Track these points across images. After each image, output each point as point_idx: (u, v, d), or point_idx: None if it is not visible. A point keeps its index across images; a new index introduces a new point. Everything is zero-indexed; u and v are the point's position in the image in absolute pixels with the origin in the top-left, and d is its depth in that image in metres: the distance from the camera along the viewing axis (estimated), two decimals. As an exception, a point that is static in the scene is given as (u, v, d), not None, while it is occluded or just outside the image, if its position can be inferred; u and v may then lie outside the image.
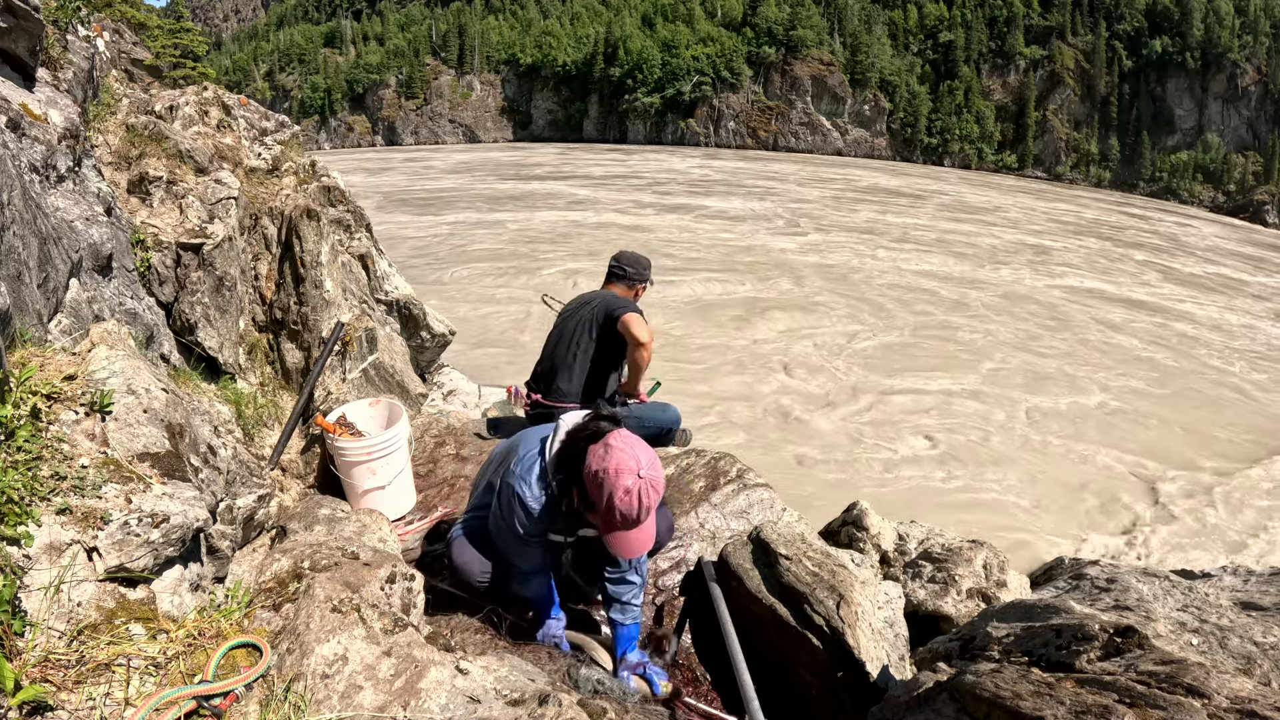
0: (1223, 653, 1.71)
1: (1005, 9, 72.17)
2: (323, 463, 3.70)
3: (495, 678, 1.66)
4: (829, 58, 72.25)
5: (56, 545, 1.39)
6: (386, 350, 4.50)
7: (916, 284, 23.72)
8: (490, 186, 42.37)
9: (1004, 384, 16.16)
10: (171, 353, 3.35)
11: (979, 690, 1.63)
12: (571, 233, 29.16)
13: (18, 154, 2.26)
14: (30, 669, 1.22)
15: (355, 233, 5.21)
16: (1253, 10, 63.26)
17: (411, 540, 3.19)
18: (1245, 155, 60.62)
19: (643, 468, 1.87)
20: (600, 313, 3.51)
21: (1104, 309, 22.94)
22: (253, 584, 1.89)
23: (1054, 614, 1.85)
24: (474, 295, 20.07)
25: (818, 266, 25.10)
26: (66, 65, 3.27)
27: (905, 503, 10.73)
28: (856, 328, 18.99)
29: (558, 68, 78.56)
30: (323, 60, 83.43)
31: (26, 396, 1.56)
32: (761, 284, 22.39)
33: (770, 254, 26.70)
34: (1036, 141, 68.48)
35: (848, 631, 2.29)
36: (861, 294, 22.10)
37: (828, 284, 22.85)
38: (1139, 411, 15.54)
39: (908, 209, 39.70)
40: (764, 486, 3.40)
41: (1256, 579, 2.34)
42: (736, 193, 42.04)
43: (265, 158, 5.07)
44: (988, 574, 3.01)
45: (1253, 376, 18.52)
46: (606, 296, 3.63)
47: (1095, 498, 12.10)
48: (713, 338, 17.41)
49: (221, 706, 1.38)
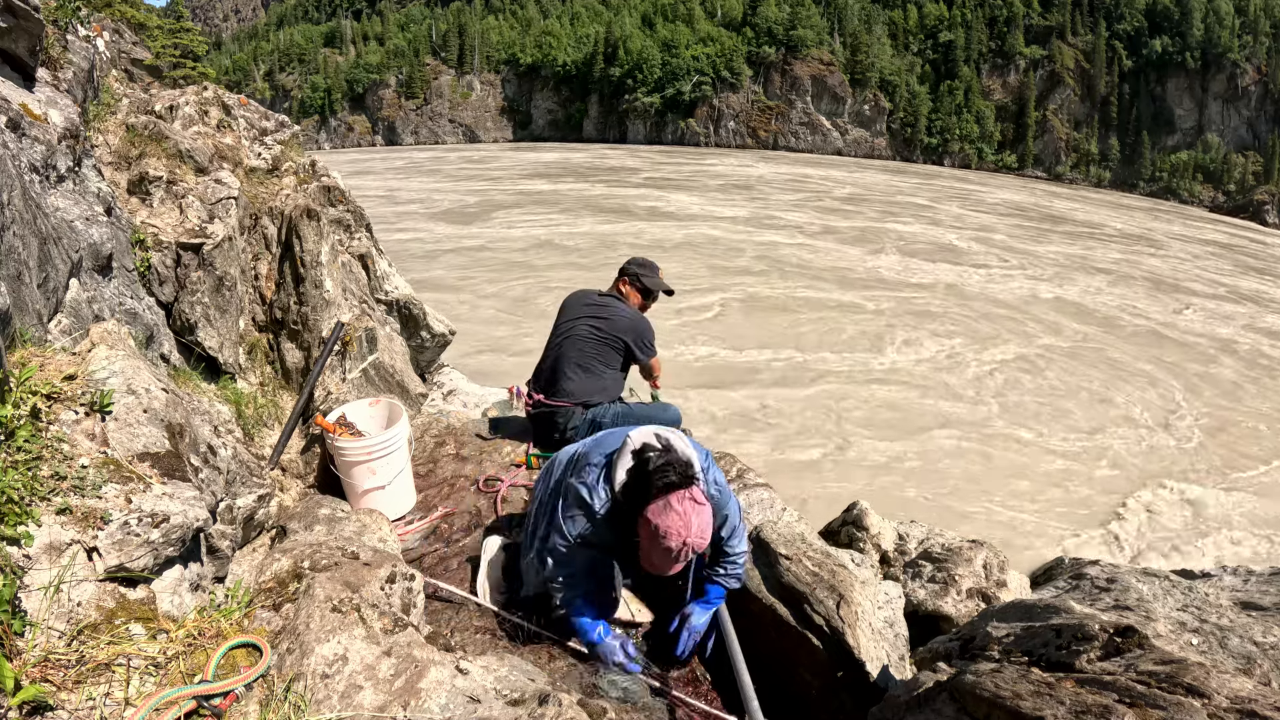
0: (1223, 653, 1.71)
1: (1005, 9, 72.16)
2: (323, 463, 3.70)
3: (495, 678, 1.66)
4: (829, 58, 72.24)
5: (56, 545, 1.39)
6: (386, 350, 4.50)
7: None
8: (610, 192, 39.29)
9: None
10: (171, 353, 3.35)
11: (979, 690, 1.63)
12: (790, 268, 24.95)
13: (18, 154, 2.26)
14: (30, 669, 1.22)
15: (355, 232, 5.21)
16: (1253, 10, 63.25)
17: (411, 540, 3.19)
18: (1245, 155, 60.62)
19: (691, 535, 1.97)
20: (627, 336, 3.58)
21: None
22: (253, 584, 1.89)
23: (1054, 614, 1.85)
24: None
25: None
26: (66, 65, 3.27)
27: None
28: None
29: (558, 68, 78.54)
30: (323, 60, 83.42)
31: (26, 396, 1.56)
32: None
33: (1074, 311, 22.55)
34: (1036, 141, 68.48)
35: (848, 631, 2.29)
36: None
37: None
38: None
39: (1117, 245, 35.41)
40: (764, 486, 3.40)
41: (1256, 579, 2.34)
42: (900, 211, 38.46)
43: (265, 158, 5.07)
44: (988, 574, 3.01)
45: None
46: (630, 317, 3.64)
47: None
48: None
49: (221, 706, 1.38)
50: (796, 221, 33.74)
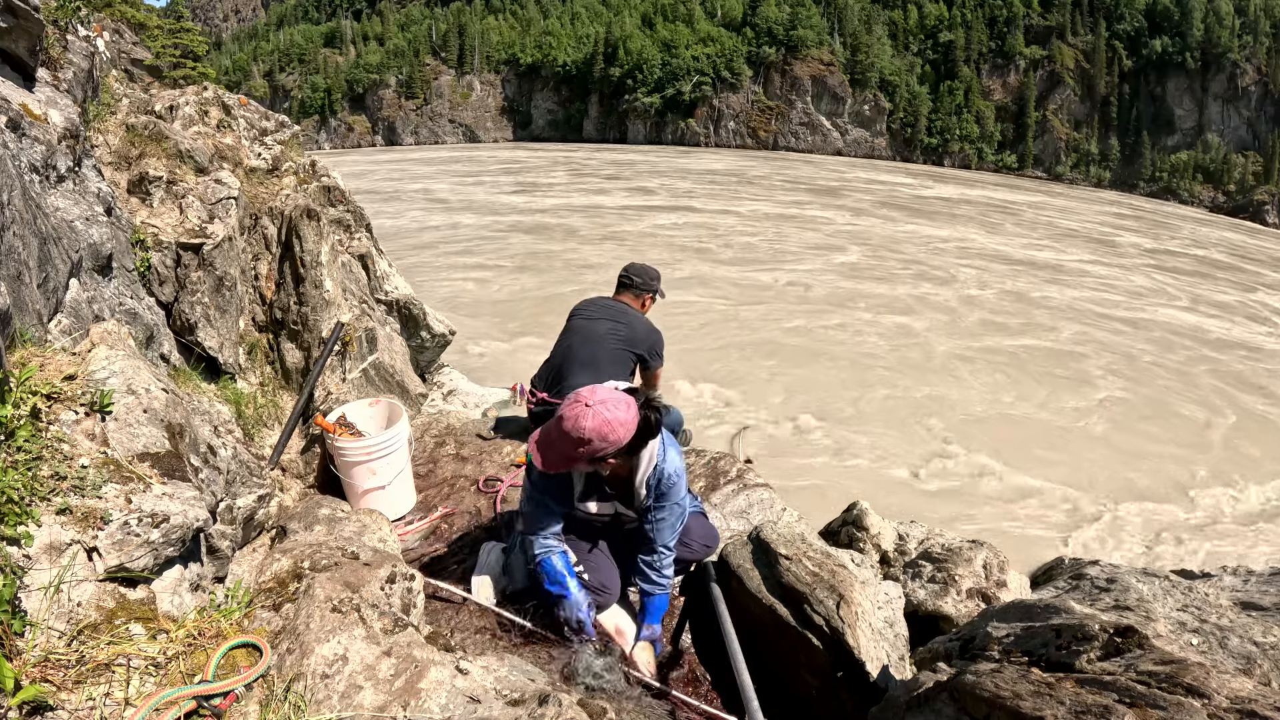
0: (1223, 653, 1.71)
1: (1005, 9, 72.14)
2: (323, 463, 3.70)
3: (495, 678, 1.66)
4: (829, 58, 72.23)
5: (56, 545, 1.39)
6: (386, 350, 4.50)
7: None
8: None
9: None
10: (171, 353, 3.35)
11: (979, 690, 1.63)
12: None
13: (18, 154, 2.26)
14: (30, 669, 1.22)
15: (355, 232, 5.21)
16: (1253, 10, 63.23)
17: (411, 540, 3.19)
18: (1245, 155, 60.60)
19: (589, 422, 2.06)
20: (642, 344, 3.67)
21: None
22: (253, 584, 1.89)
23: (1054, 614, 1.85)
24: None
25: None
26: (66, 65, 3.27)
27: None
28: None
29: (558, 68, 78.53)
30: (323, 60, 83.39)
31: (26, 396, 1.56)
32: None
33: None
34: (1036, 141, 68.47)
35: (848, 631, 2.29)
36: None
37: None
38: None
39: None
40: (764, 486, 3.40)
41: (1256, 579, 2.33)
42: (1000, 223, 37.11)
43: (265, 158, 5.07)
44: (988, 574, 3.01)
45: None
46: (648, 327, 3.75)
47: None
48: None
49: (221, 706, 1.38)
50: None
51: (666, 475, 2.30)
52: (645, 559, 2.43)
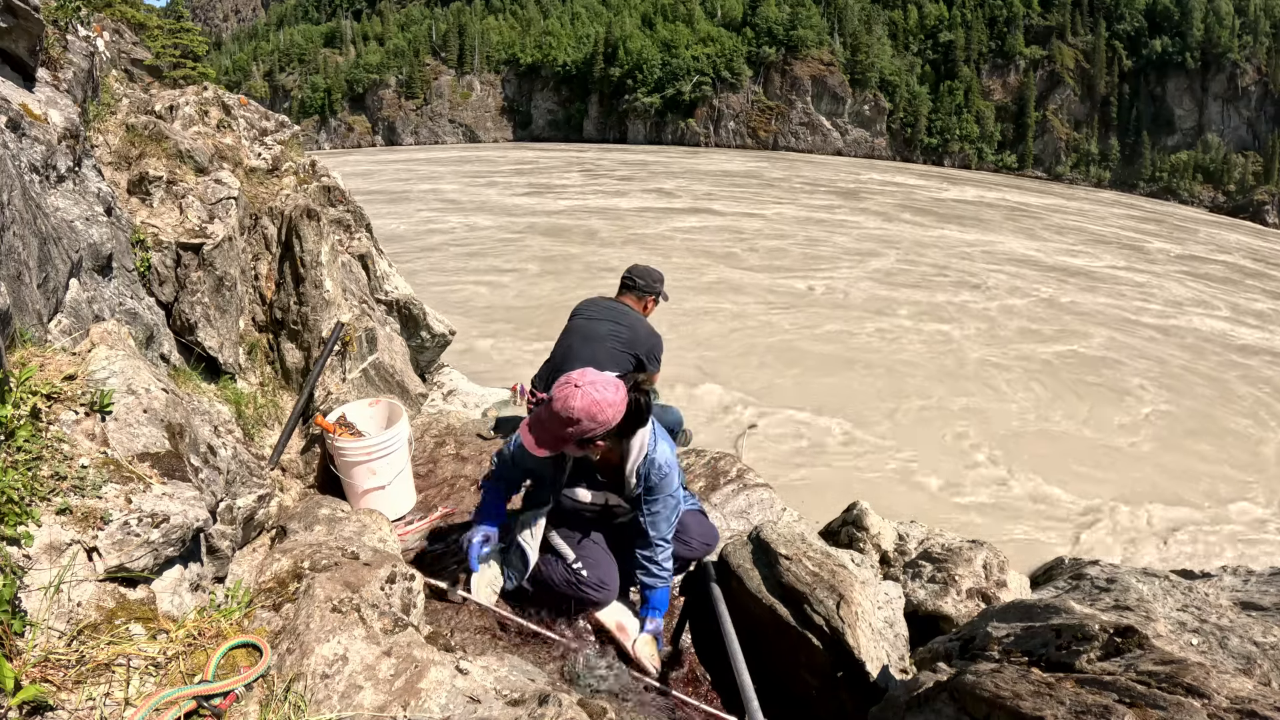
0: (1223, 653, 1.71)
1: (1005, 9, 72.13)
2: (323, 463, 3.70)
3: (495, 678, 1.66)
4: (829, 58, 72.22)
5: (56, 545, 1.39)
6: (386, 350, 4.50)
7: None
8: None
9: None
10: (171, 353, 3.35)
11: (979, 690, 1.63)
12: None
13: (18, 154, 2.26)
14: (30, 669, 1.22)
15: (355, 232, 5.21)
16: (1253, 10, 63.22)
17: (411, 540, 3.19)
18: (1245, 155, 60.58)
19: (579, 403, 2.12)
20: (641, 346, 3.68)
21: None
22: (253, 584, 1.89)
23: (1054, 614, 1.85)
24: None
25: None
26: (66, 65, 3.27)
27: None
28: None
29: (558, 68, 78.52)
30: (323, 60, 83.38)
31: (26, 396, 1.56)
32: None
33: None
34: (1036, 141, 68.46)
35: (848, 631, 2.29)
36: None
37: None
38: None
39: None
40: (764, 486, 3.40)
41: (1256, 579, 2.34)
42: (1030, 228, 36.01)
43: (265, 158, 5.07)
44: (988, 574, 3.01)
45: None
46: (649, 331, 3.75)
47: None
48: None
49: (221, 706, 1.38)
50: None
51: (658, 465, 2.32)
52: (643, 552, 2.45)
